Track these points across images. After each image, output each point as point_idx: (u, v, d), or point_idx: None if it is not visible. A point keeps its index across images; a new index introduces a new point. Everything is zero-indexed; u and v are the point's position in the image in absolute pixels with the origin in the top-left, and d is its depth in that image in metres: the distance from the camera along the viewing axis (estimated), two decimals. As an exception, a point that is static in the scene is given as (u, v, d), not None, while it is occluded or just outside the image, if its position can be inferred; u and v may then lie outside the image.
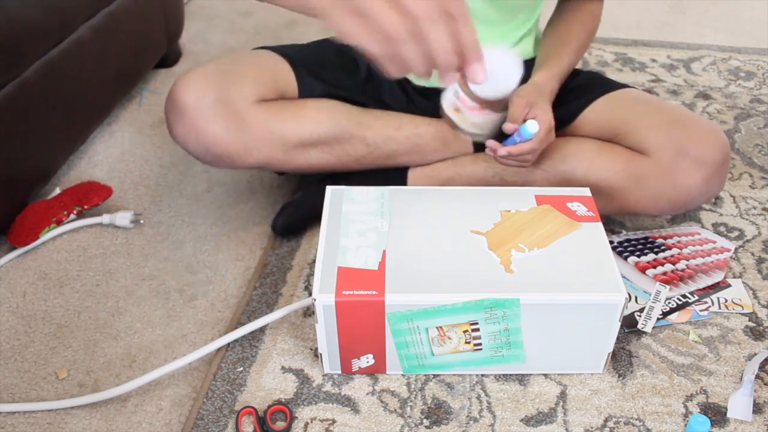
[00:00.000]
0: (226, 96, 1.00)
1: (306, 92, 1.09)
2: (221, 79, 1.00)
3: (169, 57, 1.63)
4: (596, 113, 1.10)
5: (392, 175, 1.14)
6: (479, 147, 1.14)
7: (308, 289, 1.06)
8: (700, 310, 1.01)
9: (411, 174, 1.15)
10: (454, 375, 0.92)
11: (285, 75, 1.08)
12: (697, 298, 1.03)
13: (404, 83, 1.17)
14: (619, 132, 1.06)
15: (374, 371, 0.92)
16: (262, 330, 0.99)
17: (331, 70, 1.12)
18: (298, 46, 1.16)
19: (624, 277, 1.06)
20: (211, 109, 0.99)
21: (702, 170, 1.00)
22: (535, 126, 0.97)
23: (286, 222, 1.14)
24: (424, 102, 1.18)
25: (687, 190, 1.01)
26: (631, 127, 1.05)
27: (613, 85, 1.13)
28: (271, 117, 1.03)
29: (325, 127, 1.06)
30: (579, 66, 1.19)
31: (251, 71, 1.04)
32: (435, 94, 1.18)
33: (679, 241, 1.13)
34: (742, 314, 1.02)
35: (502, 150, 0.99)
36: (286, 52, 1.12)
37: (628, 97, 1.10)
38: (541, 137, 0.99)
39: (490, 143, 1.00)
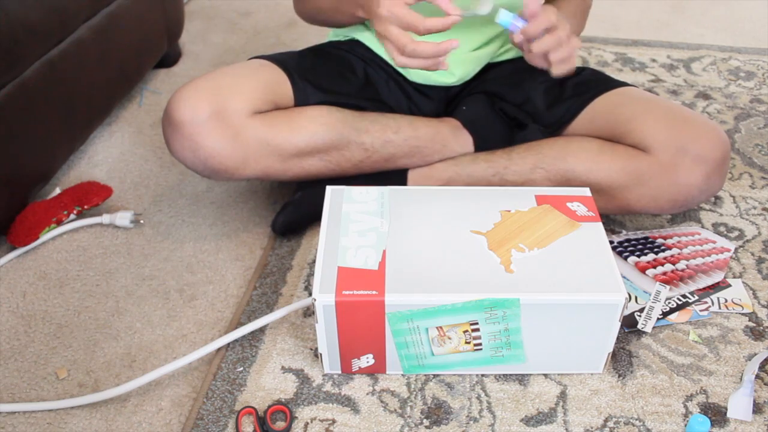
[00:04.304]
0: (222, 110, 1.00)
1: (302, 100, 1.08)
2: (216, 93, 1.00)
3: (169, 57, 1.63)
4: (597, 111, 1.10)
5: (392, 175, 1.14)
6: (479, 147, 1.14)
7: (308, 289, 1.06)
8: (700, 310, 1.01)
9: (411, 174, 1.15)
10: (454, 375, 0.92)
11: (281, 84, 1.07)
12: (697, 298, 1.03)
13: (403, 83, 1.17)
14: (620, 130, 1.06)
15: (374, 371, 0.92)
16: (262, 330, 0.99)
17: (328, 76, 1.12)
18: (294, 53, 1.16)
19: (624, 277, 1.06)
20: (207, 124, 0.99)
21: (702, 168, 1.00)
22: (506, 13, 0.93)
23: (286, 221, 1.14)
24: (424, 100, 1.18)
25: (688, 188, 1.01)
26: (631, 126, 1.05)
27: (613, 84, 1.13)
28: (267, 128, 1.03)
29: (321, 135, 1.06)
30: (579, 64, 1.19)
31: (246, 83, 1.04)
32: (433, 91, 1.18)
33: (679, 241, 1.13)
34: (742, 314, 1.02)
35: (520, 35, 0.94)
36: (282, 60, 1.11)
37: (628, 95, 1.10)
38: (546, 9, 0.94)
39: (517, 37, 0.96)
